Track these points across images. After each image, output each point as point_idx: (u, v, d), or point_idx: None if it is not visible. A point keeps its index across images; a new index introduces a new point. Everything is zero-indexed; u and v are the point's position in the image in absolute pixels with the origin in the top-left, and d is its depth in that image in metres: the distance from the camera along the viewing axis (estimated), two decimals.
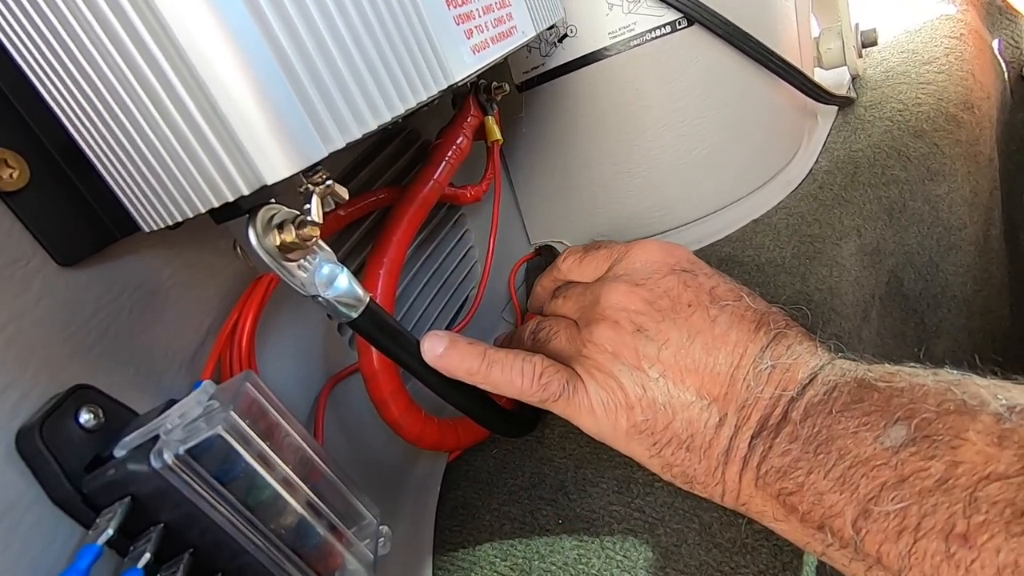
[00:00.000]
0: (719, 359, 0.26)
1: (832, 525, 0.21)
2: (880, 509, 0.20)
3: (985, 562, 0.17)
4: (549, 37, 0.45)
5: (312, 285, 0.23)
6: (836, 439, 0.22)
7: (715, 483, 0.26)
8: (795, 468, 0.22)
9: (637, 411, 0.27)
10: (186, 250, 0.25)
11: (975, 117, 0.53)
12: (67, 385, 0.20)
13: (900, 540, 0.19)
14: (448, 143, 0.37)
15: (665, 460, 0.27)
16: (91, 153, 0.19)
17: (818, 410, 0.23)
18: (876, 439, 0.21)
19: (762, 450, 0.24)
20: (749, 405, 0.25)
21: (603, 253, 0.32)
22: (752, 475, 0.24)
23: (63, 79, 0.17)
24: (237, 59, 0.16)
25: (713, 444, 0.26)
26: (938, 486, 0.19)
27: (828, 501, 0.21)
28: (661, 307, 0.27)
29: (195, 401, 0.19)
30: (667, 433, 0.26)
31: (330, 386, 0.33)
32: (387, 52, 0.20)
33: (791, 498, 0.22)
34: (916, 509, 0.19)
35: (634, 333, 0.27)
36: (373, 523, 0.23)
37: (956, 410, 0.20)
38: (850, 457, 0.21)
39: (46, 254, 0.20)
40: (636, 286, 0.28)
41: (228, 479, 0.19)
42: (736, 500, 0.25)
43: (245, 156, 0.17)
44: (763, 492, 0.24)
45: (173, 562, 0.18)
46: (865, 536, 0.20)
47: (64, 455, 0.18)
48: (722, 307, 0.27)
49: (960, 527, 0.18)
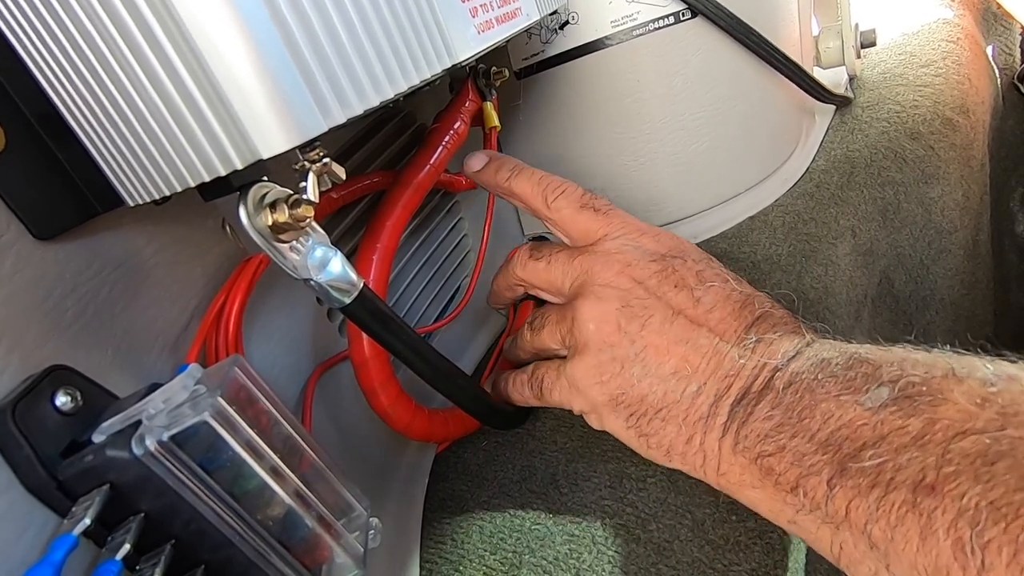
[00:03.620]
0: (701, 335, 0.26)
1: (807, 485, 0.21)
2: (856, 466, 0.19)
3: (947, 507, 0.17)
4: (550, 23, 0.44)
5: (304, 268, 0.22)
6: (820, 403, 0.21)
7: (694, 452, 0.25)
8: (778, 432, 0.22)
9: (613, 384, 0.27)
10: (172, 227, 0.24)
11: (970, 121, 0.54)
12: (43, 365, 0.19)
13: (871, 494, 0.19)
14: (445, 128, 0.36)
15: (641, 431, 0.27)
16: (72, 120, 0.18)
17: (803, 379, 0.23)
18: (857, 402, 0.20)
19: (743, 416, 0.24)
20: (731, 375, 0.25)
21: (600, 217, 0.31)
22: (732, 440, 0.24)
23: (44, 39, 0.16)
24: (234, 25, 0.15)
25: (690, 412, 0.25)
26: (914, 442, 0.18)
27: (807, 461, 0.21)
28: (648, 286, 0.28)
29: (180, 385, 0.18)
30: (643, 405, 0.26)
31: (319, 373, 0.32)
32: (391, 26, 0.19)
33: (769, 459, 0.22)
34: (890, 465, 0.19)
35: (618, 309, 0.27)
36: (363, 515, 0.23)
37: (943, 375, 0.20)
38: (833, 421, 0.21)
39: (22, 226, 0.19)
40: (627, 265, 0.28)
41: (213, 467, 0.18)
42: (716, 470, 0.25)
43: (240, 128, 0.16)
44: (742, 457, 0.23)
45: (154, 553, 0.17)
46: (837, 493, 0.20)
47: (38, 439, 0.17)
48: (708, 288, 0.27)
49: (929, 478, 0.18)
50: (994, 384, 0.18)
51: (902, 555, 0.18)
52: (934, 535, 0.17)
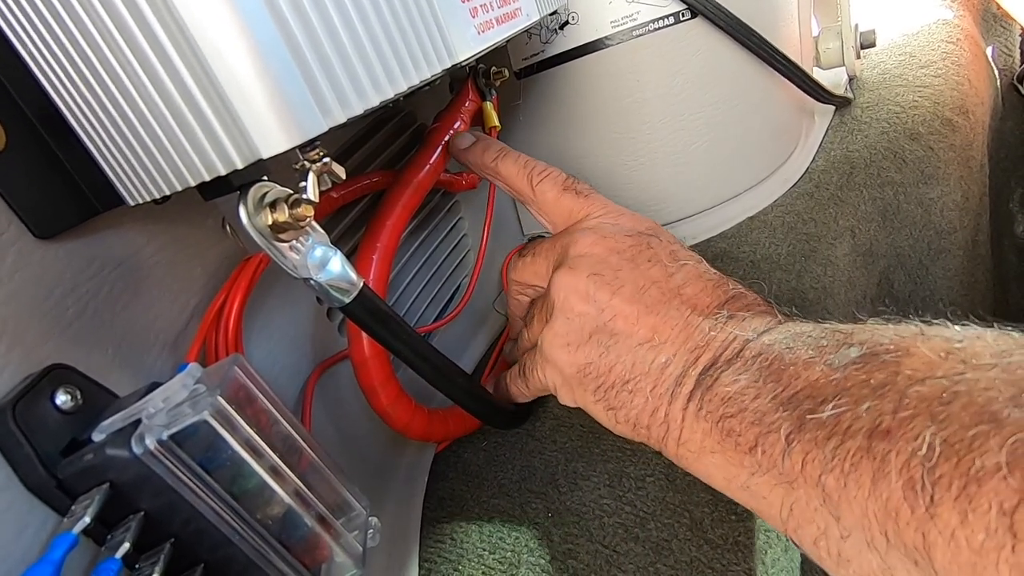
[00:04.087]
0: (673, 306, 0.26)
1: (765, 443, 0.20)
2: (814, 418, 0.19)
3: (900, 449, 0.16)
4: (550, 23, 0.44)
5: (304, 267, 0.22)
6: (788, 367, 0.21)
7: (658, 423, 0.25)
8: (741, 395, 0.22)
9: (580, 354, 0.27)
10: (172, 227, 0.24)
11: (969, 122, 0.54)
12: (43, 364, 0.19)
13: (827, 445, 0.18)
14: (445, 127, 0.36)
15: (609, 403, 0.26)
16: (73, 120, 0.18)
17: (775, 349, 0.22)
18: (825, 362, 0.20)
19: (708, 383, 0.23)
20: (700, 347, 0.25)
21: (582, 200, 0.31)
22: (695, 406, 0.23)
23: (44, 38, 0.16)
24: (235, 24, 0.15)
25: (658, 384, 0.25)
26: (873, 392, 0.18)
27: (767, 419, 0.20)
28: (623, 256, 0.28)
29: (180, 384, 0.18)
30: (611, 376, 0.26)
31: (318, 372, 0.32)
32: (392, 26, 0.19)
33: (730, 420, 0.22)
34: (848, 415, 0.18)
35: (588, 276, 0.27)
36: (362, 514, 0.23)
37: (912, 335, 0.19)
38: (799, 382, 0.20)
39: (22, 225, 0.19)
40: (602, 237, 0.29)
41: (213, 467, 0.18)
42: (678, 440, 0.24)
43: (240, 127, 0.16)
44: (704, 422, 0.23)
45: (153, 552, 0.17)
46: (795, 447, 0.19)
47: (39, 438, 0.17)
48: (681, 265, 0.27)
49: (885, 423, 0.17)
50: (960, 340, 0.18)
51: (853, 503, 0.17)
52: (886, 478, 0.16)
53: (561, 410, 0.36)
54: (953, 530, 0.15)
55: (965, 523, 0.15)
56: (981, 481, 0.14)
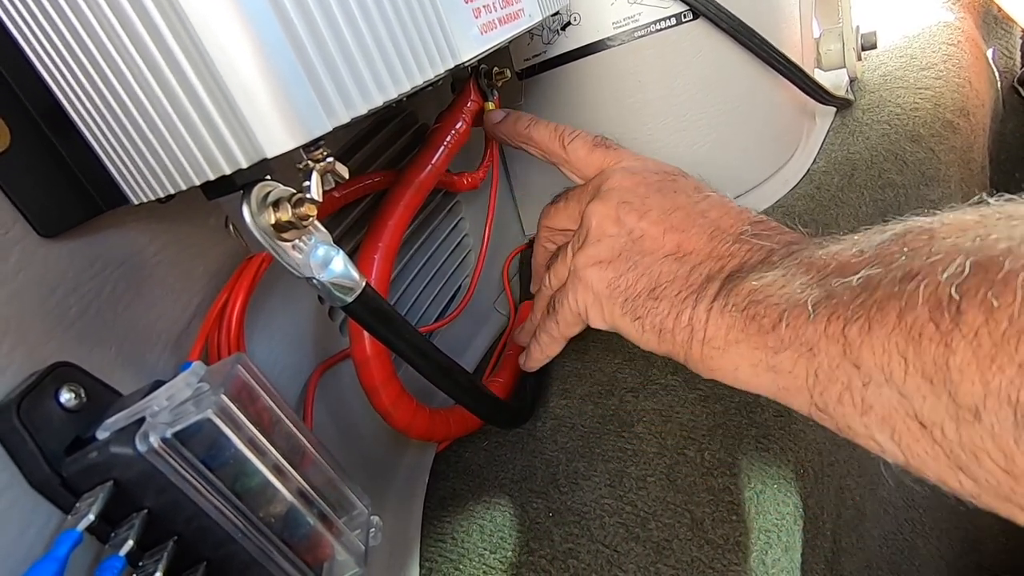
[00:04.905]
0: (696, 224, 0.27)
1: (790, 317, 0.20)
2: (844, 284, 0.19)
3: (929, 281, 0.16)
4: (552, 24, 0.44)
5: (307, 267, 0.22)
6: (817, 259, 0.21)
7: (682, 327, 0.25)
8: (769, 286, 0.22)
9: (611, 269, 0.28)
10: (175, 226, 0.24)
11: (970, 124, 0.54)
12: (46, 362, 0.19)
13: (855, 302, 0.18)
14: (447, 128, 0.36)
15: (635, 313, 0.27)
16: (78, 118, 0.18)
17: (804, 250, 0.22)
18: (856, 244, 0.20)
19: (734, 282, 0.24)
20: (725, 256, 0.26)
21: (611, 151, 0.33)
22: (721, 303, 0.24)
23: (49, 36, 0.16)
24: (240, 24, 0.15)
25: (682, 289, 0.26)
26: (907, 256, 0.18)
27: (794, 299, 0.20)
28: (650, 185, 0.30)
29: (184, 383, 0.18)
30: (637, 286, 0.28)
31: (320, 372, 0.32)
32: (395, 26, 0.20)
33: (755, 307, 0.22)
34: (879, 275, 0.18)
35: (618, 204, 0.29)
36: (364, 513, 0.23)
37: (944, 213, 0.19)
38: (830, 267, 0.20)
39: (26, 224, 0.19)
40: (632, 172, 0.31)
41: (216, 465, 0.18)
42: (702, 341, 0.24)
43: (245, 127, 0.16)
44: (727, 316, 0.23)
45: (156, 550, 0.18)
46: (820, 311, 0.19)
47: (43, 436, 0.17)
48: (706, 196, 0.29)
49: (916, 267, 0.17)
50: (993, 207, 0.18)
51: (876, 343, 0.17)
52: (912, 309, 0.16)
53: (562, 410, 0.37)
54: (976, 329, 0.15)
55: (990, 319, 0.15)
56: (1007, 280, 0.15)
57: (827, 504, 0.33)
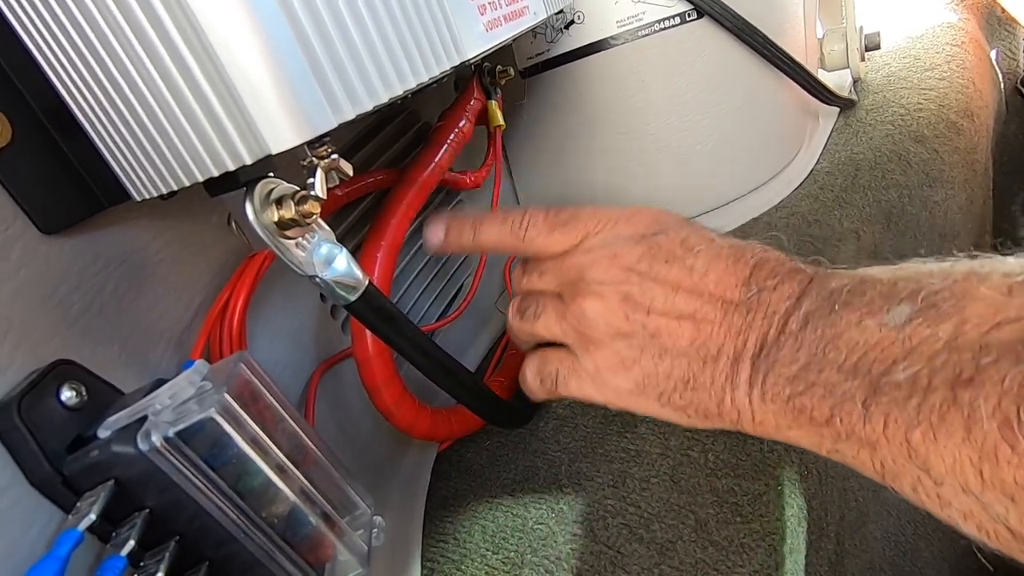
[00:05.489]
0: (704, 301, 0.26)
1: (841, 412, 0.20)
2: (890, 380, 0.19)
3: (989, 393, 0.16)
4: (556, 23, 0.44)
5: (310, 264, 0.22)
6: (842, 335, 0.21)
7: (727, 410, 0.25)
8: (805, 372, 0.22)
9: (636, 371, 0.27)
10: (176, 223, 0.24)
11: (974, 125, 0.54)
12: (48, 360, 0.18)
13: (909, 404, 0.18)
14: (450, 126, 0.36)
15: (676, 405, 0.27)
16: (81, 114, 0.18)
17: (818, 315, 0.22)
18: (880, 323, 0.20)
19: (766, 367, 0.23)
20: (744, 331, 0.25)
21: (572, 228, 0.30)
22: (759, 391, 0.24)
23: (52, 31, 0.16)
24: (247, 20, 0.15)
25: (715, 377, 0.26)
26: (946, 346, 0.18)
27: (839, 391, 0.20)
28: (641, 271, 0.28)
29: (187, 381, 0.18)
30: (670, 381, 0.27)
31: (322, 371, 0.32)
32: (401, 23, 0.19)
33: (800, 399, 0.22)
34: (925, 371, 0.18)
35: (620, 301, 0.28)
36: (367, 513, 0.23)
37: (963, 277, 0.19)
38: (859, 347, 0.20)
39: (28, 220, 0.19)
40: (614, 257, 0.29)
41: (219, 464, 0.18)
42: (752, 421, 0.25)
43: (250, 123, 0.16)
44: (772, 404, 0.23)
45: (158, 550, 0.17)
46: (873, 412, 0.19)
47: (44, 434, 0.17)
48: (696, 254, 0.28)
49: (967, 372, 0.17)
50: (1019, 273, 0.18)
51: (944, 452, 0.17)
52: (978, 423, 0.16)
53: (565, 410, 0.36)
54: None
55: None
56: None
57: (831, 506, 0.32)
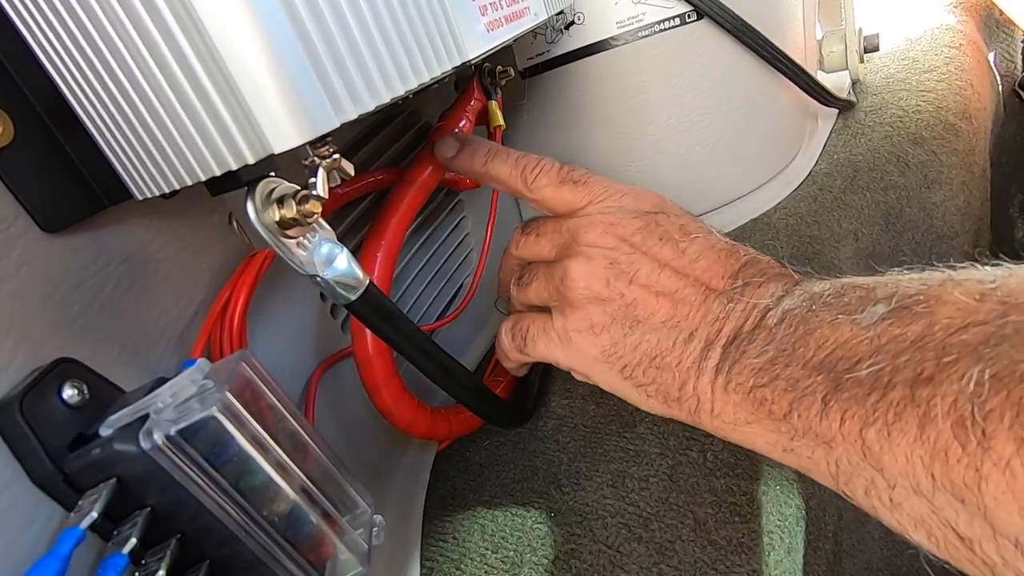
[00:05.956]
0: (688, 283, 0.26)
1: (800, 407, 0.20)
2: (852, 377, 0.18)
3: (946, 392, 0.16)
4: (556, 23, 0.44)
5: (311, 264, 0.22)
6: (814, 332, 0.21)
7: (687, 397, 0.25)
8: (772, 365, 0.21)
9: (604, 337, 0.27)
10: (177, 222, 0.24)
11: (972, 127, 0.54)
12: (49, 358, 0.18)
13: (867, 400, 0.18)
14: (450, 126, 0.36)
15: (637, 381, 0.27)
16: (83, 112, 0.18)
17: (796, 313, 0.22)
18: (853, 321, 0.20)
19: (735, 355, 0.23)
20: (721, 319, 0.25)
21: (581, 189, 0.30)
22: (724, 379, 0.23)
23: (54, 28, 0.16)
24: (249, 19, 0.15)
25: (683, 359, 0.25)
26: (912, 345, 0.17)
27: (801, 385, 0.20)
28: (633, 242, 0.28)
29: (189, 380, 0.18)
30: (636, 354, 0.27)
31: (321, 370, 0.32)
32: (403, 23, 0.19)
33: (762, 390, 0.22)
34: (888, 369, 0.18)
35: (606, 266, 0.28)
36: (367, 512, 0.23)
37: (940, 283, 0.18)
38: (829, 344, 0.20)
39: (29, 218, 0.19)
40: (611, 225, 0.29)
41: (220, 462, 0.18)
42: (711, 412, 0.24)
43: (253, 122, 0.16)
44: (734, 395, 0.23)
45: (159, 548, 0.17)
46: (832, 407, 0.19)
47: (46, 432, 0.17)
48: (692, 239, 0.28)
49: (928, 371, 0.16)
50: (993, 280, 0.17)
51: (897, 451, 0.17)
52: (933, 421, 0.16)
53: (564, 410, 0.36)
54: (1008, 459, 0.15)
55: (1021, 449, 0.14)
56: None
57: (829, 506, 0.32)
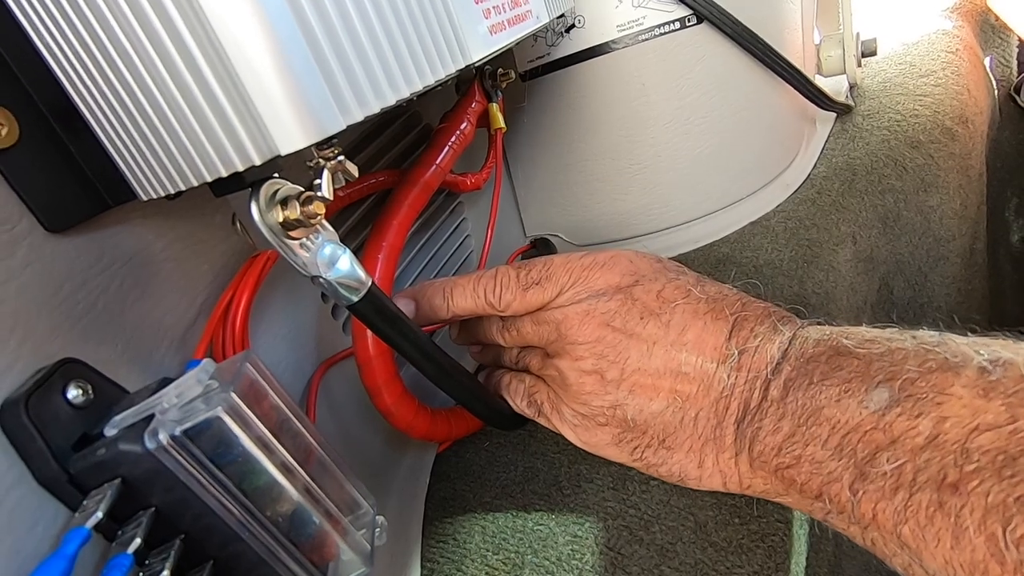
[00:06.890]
0: (682, 360, 0.26)
1: (830, 492, 0.21)
2: (876, 470, 0.20)
3: (974, 506, 0.17)
4: (556, 26, 0.44)
5: (313, 265, 0.22)
6: (822, 409, 0.22)
7: (709, 474, 0.26)
8: (790, 443, 0.22)
9: (612, 427, 0.28)
10: (180, 223, 0.24)
11: (968, 131, 0.54)
12: (54, 358, 0.18)
13: (896, 497, 0.19)
14: (452, 128, 0.36)
15: (647, 463, 0.27)
16: (88, 113, 0.18)
17: (798, 384, 0.23)
18: (860, 404, 0.21)
19: (751, 434, 0.24)
20: (725, 396, 0.25)
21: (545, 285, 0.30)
22: (746, 457, 0.24)
23: (60, 29, 0.16)
24: (257, 22, 0.15)
25: (694, 438, 0.26)
26: (928, 442, 0.19)
27: (826, 468, 0.21)
28: (614, 326, 0.27)
29: (194, 380, 0.18)
30: (645, 438, 0.27)
31: (322, 370, 0.32)
32: (408, 26, 0.20)
33: (789, 471, 0.22)
34: (910, 467, 0.19)
35: (595, 361, 0.27)
36: (370, 512, 0.23)
37: (939, 368, 0.20)
38: (841, 426, 0.21)
39: (33, 218, 0.19)
40: (586, 315, 0.28)
41: (224, 463, 0.18)
42: (739, 485, 0.25)
43: (259, 124, 0.16)
44: (761, 471, 0.24)
45: (163, 548, 0.17)
46: (862, 498, 0.20)
47: (50, 432, 0.17)
48: (673, 308, 0.27)
49: (952, 476, 0.18)
50: (991, 372, 0.19)
51: (935, 553, 0.18)
52: (965, 533, 0.17)
53: None
54: None
55: None
56: None
57: None
